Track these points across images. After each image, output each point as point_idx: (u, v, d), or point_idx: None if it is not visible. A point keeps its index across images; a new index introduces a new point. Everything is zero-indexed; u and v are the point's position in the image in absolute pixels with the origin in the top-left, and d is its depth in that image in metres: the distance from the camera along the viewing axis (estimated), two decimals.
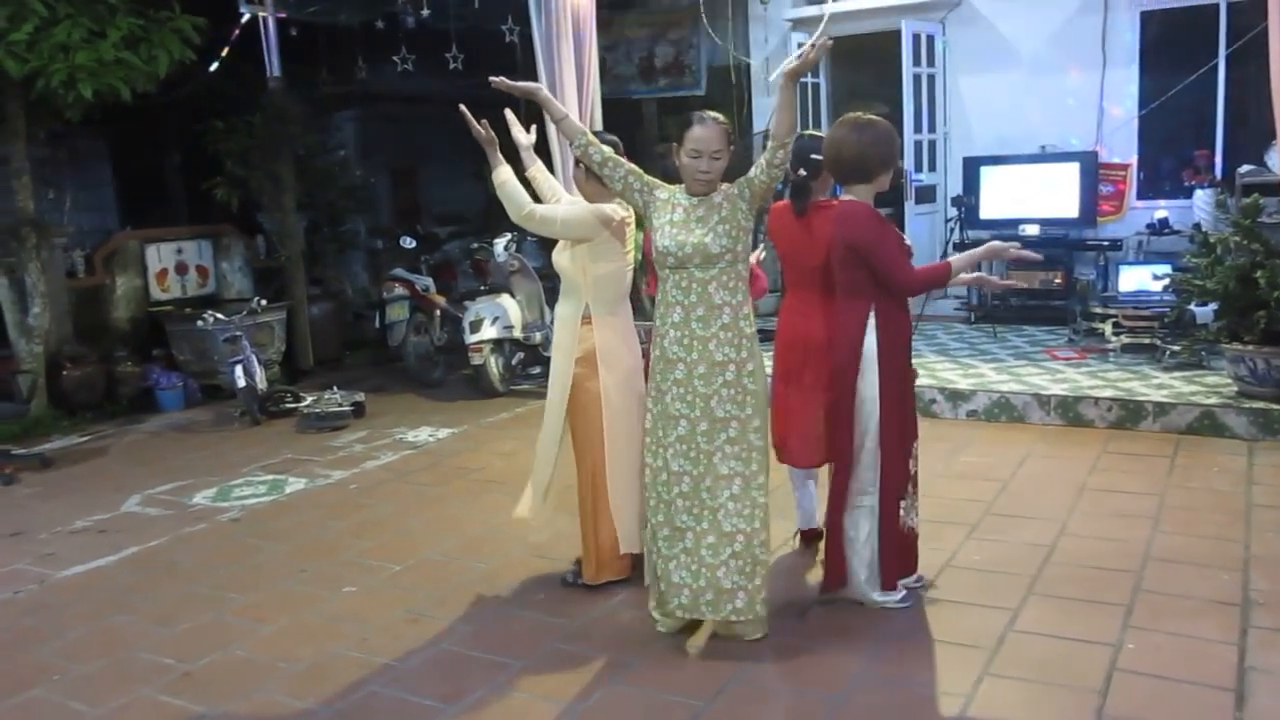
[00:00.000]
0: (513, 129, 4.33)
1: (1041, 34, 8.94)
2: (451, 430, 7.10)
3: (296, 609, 4.25)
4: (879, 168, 3.74)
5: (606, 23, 9.75)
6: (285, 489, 5.94)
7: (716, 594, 3.62)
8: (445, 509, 5.46)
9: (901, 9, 9.18)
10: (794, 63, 3.34)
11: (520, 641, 3.84)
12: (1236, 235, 6.04)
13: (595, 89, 7.67)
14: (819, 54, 3.30)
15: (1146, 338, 7.21)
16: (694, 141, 3.54)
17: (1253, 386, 5.95)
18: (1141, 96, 8.69)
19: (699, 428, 3.58)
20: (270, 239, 9.62)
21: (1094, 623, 3.73)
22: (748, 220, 3.56)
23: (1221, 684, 3.29)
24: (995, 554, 4.40)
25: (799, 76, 3.36)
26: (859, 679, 3.46)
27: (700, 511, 3.61)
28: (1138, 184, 8.83)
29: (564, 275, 4.10)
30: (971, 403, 6.59)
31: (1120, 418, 6.17)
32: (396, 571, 4.61)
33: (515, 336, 8.01)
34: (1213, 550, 4.33)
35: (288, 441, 7.04)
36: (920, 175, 9.20)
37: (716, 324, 3.54)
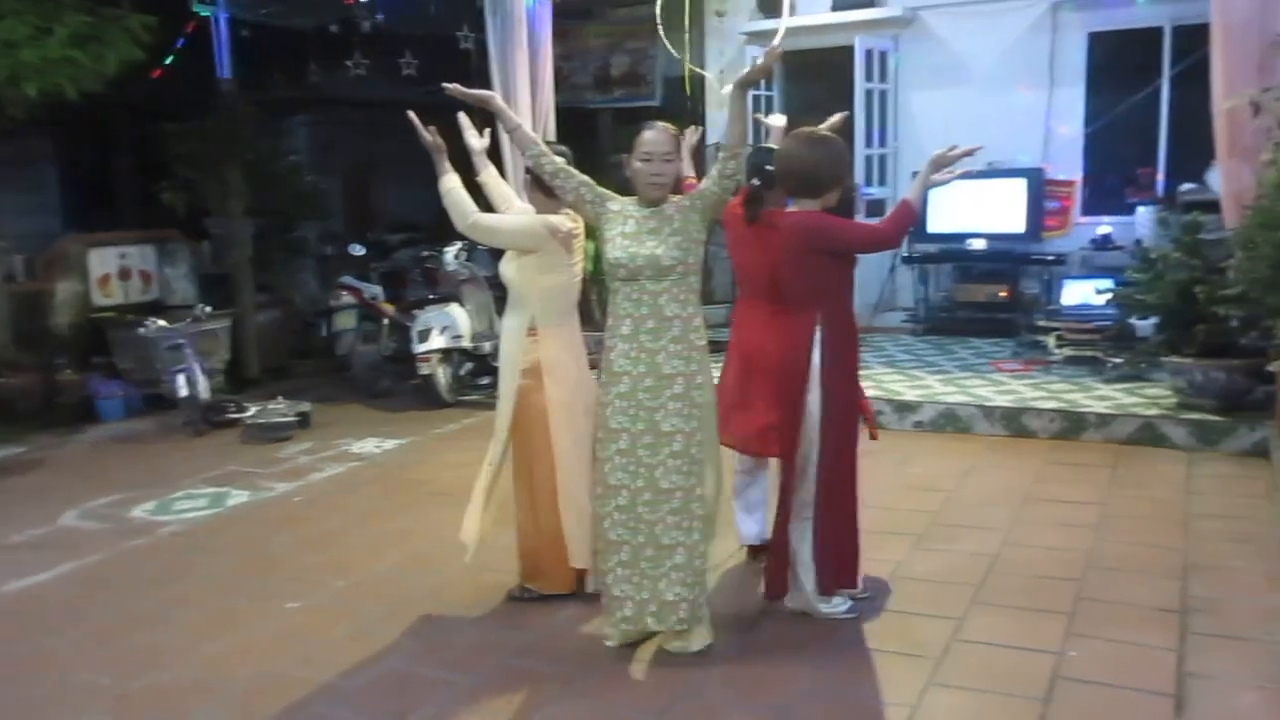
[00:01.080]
0: (465, 133, 4.30)
1: (992, 52, 9.09)
2: (399, 441, 7.03)
3: (238, 626, 4.16)
4: (830, 184, 3.78)
5: (564, 32, 9.77)
6: (228, 502, 5.84)
7: (660, 606, 3.60)
8: (392, 522, 5.39)
9: (855, 25, 9.28)
10: (745, 73, 3.35)
11: (467, 658, 3.80)
12: (1177, 251, 6.16)
13: (550, 97, 7.67)
14: (770, 62, 3.32)
15: (1089, 350, 7.33)
16: (645, 145, 3.54)
17: (1192, 398, 6.07)
18: (1087, 115, 8.87)
19: (641, 441, 3.56)
20: (217, 245, 9.47)
21: (1038, 631, 3.77)
22: (700, 232, 3.56)
23: (1162, 690, 3.33)
24: (941, 564, 4.44)
25: (750, 86, 3.38)
26: (807, 691, 3.46)
27: (636, 525, 3.59)
28: (1082, 200, 9.00)
29: (511, 286, 4.07)
30: (918, 414, 6.65)
31: (1063, 428, 6.26)
32: (341, 587, 4.54)
33: (464, 346, 7.96)
34: (1153, 558, 4.40)
35: (231, 453, 6.93)
36: (871, 189, 9.29)
37: (666, 336, 3.53)
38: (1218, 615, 3.84)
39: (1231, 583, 4.13)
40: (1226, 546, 4.49)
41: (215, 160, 8.84)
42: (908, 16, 9.30)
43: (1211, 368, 5.94)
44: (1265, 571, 4.21)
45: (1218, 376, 5.93)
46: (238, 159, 8.97)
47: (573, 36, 10.82)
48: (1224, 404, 5.97)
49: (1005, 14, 8.97)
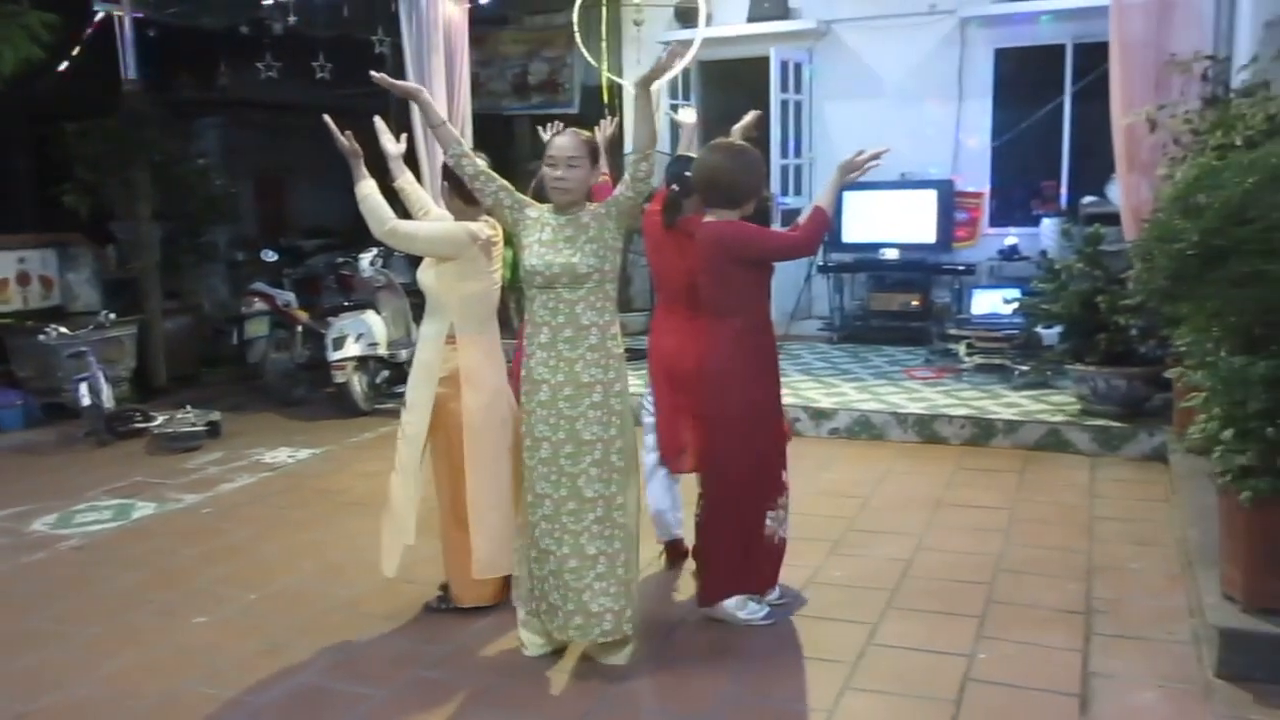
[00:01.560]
0: (381, 137, 4.24)
1: (903, 66, 9.28)
2: (313, 451, 6.90)
3: (143, 642, 4.04)
4: (749, 194, 3.83)
5: (480, 38, 9.71)
6: (133, 514, 5.66)
7: (585, 618, 3.59)
8: (305, 533, 5.29)
9: (771, 36, 9.39)
10: (646, 71, 3.36)
11: (383, 671, 3.74)
12: (1080, 262, 6.36)
13: (467, 103, 7.62)
14: (671, 60, 3.32)
15: (998, 358, 7.52)
16: (551, 149, 3.54)
17: (1094, 405, 6.26)
18: (995, 128, 9.10)
19: (563, 450, 3.55)
20: (123, 249, 9.19)
21: (949, 634, 3.85)
22: (616, 240, 3.55)
23: (1067, 690, 3.42)
24: (856, 569, 4.51)
25: (651, 84, 3.37)
26: (725, 697, 3.48)
27: (561, 535, 3.57)
28: (990, 211, 9.22)
29: (429, 293, 4.02)
30: (834, 421, 6.75)
31: (973, 435, 6.41)
32: (252, 600, 4.43)
33: (381, 354, 7.85)
34: (1059, 561, 4.52)
35: (137, 464, 6.73)
36: (786, 199, 9.39)
37: (584, 345, 3.52)
38: (1119, 616, 3.96)
39: (1132, 584, 4.26)
40: (1127, 549, 4.64)
41: (119, 162, 8.59)
42: (821, 29, 9.44)
43: (1113, 375, 6.13)
44: (1164, 572, 4.35)
45: (1119, 384, 6.13)
46: (143, 161, 8.72)
47: (490, 43, 10.77)
48: (1125, 410, 6.17)
49: (915, 29, 9.16)
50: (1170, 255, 3.44)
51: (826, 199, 3.83)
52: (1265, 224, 3.33)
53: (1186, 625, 3.84)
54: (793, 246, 3.90)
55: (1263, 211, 3.35)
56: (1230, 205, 3.36)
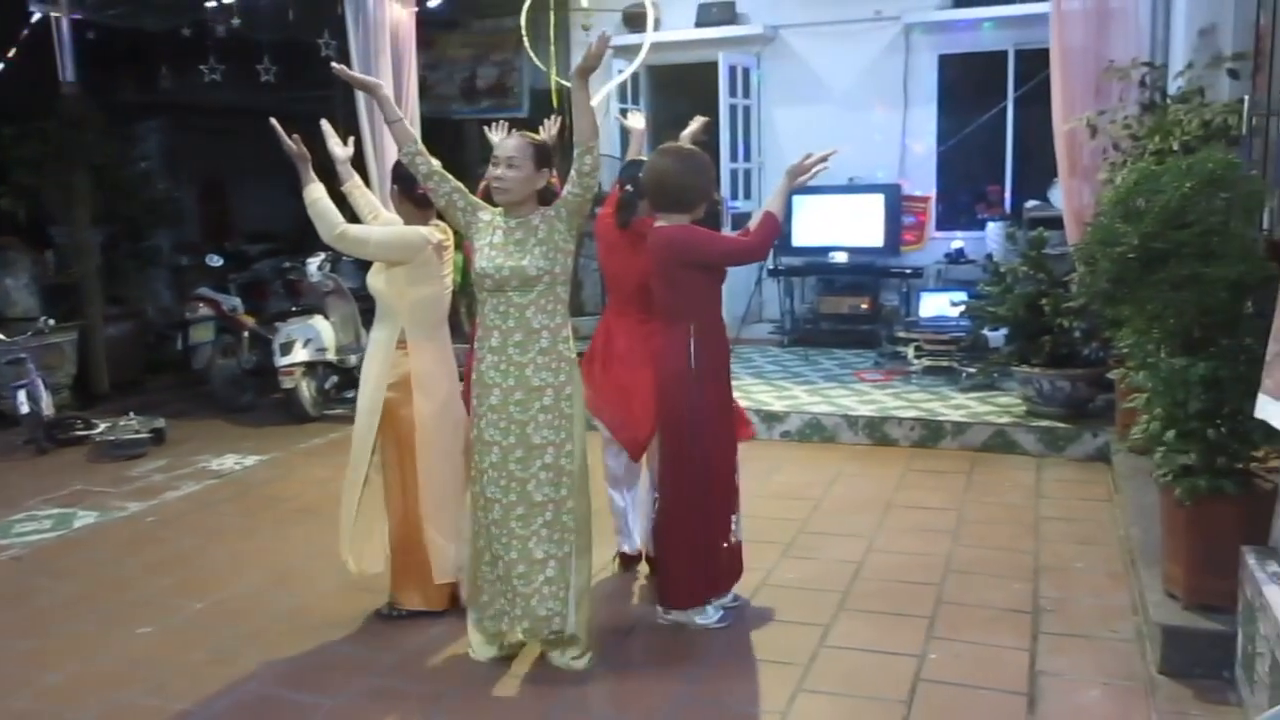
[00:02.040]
0: (329, 141, 4.18)
1: (850, 71, 9.37)
2: (260, 457, 6.80)
3: (85, 654, 3.96)
4: (699, 198, 3.84)
5: (429, 42, 9.64)
6: (74, 523, 5.54)
7: (533, 621, 3.58)
8: (253, 541, 5.21)
9: (719, 41, 9.44)
10: (580, 61, 3.35)
11: (332, 679, 3.69)
12: (1025, 265, 6.46)
13: (415, 107, 7.56)
14: (602, 47, 3.31)
15: (945, 360, 7.61)
16: (494, 150, 3.54)
17: (1040, 406, 6.36)
18: (940, 134, 9.22)
19: (513, 455, 3.53)
20: (62, 254, 8.99)
21: (900, 635, 3.89)
22: (567, 242, 3.54)
23: (1015, 689, 3.47)
24: (808, 571, 4.54)
25: (588, 74, 3.37)
26: (680, 701, 3.48)
27: (509, 540, 3.56)
28: (937, 215, 9.34)
29: (379, 298, 3.98)
30: (785, 424, 6.79)
31: (922, 437, 6.48)
32: (198, 609, 4.36)
33: (329, 359, 7.77)
34: (1006, 561, 4.58)
35: (78, 472, 6.58)
36: (736, 203, 9.45)
37: (534, 349, 3.51)
38: (1065, 615, 4.02)
39: (1077, 583, 4.33)
40: (1072, 548, 4.71)
41: (57, 166, 8.40)
42: (769, 35, 9.51)
43: (1057, 377, 6.24)
44: (1107, 571, 4.43)
45: (1063, 386, 6.23)
46: (82, 164, 8.54)
47: (438, 46, 10.70)
48: (1069, 412, 6.27)
49: (861, 35, 9.25)
50: (1111, 258, 3.50)
51: (776, 204, 3.85)
52: (1203, 228, 3.41)
53: (1130, 623, 3.91)
54: (743, 251, 3.91)
55: (1200, 215, 3.43)
56: (1169, 209, 3.43)
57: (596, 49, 3.29)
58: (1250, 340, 3.48)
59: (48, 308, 8.50)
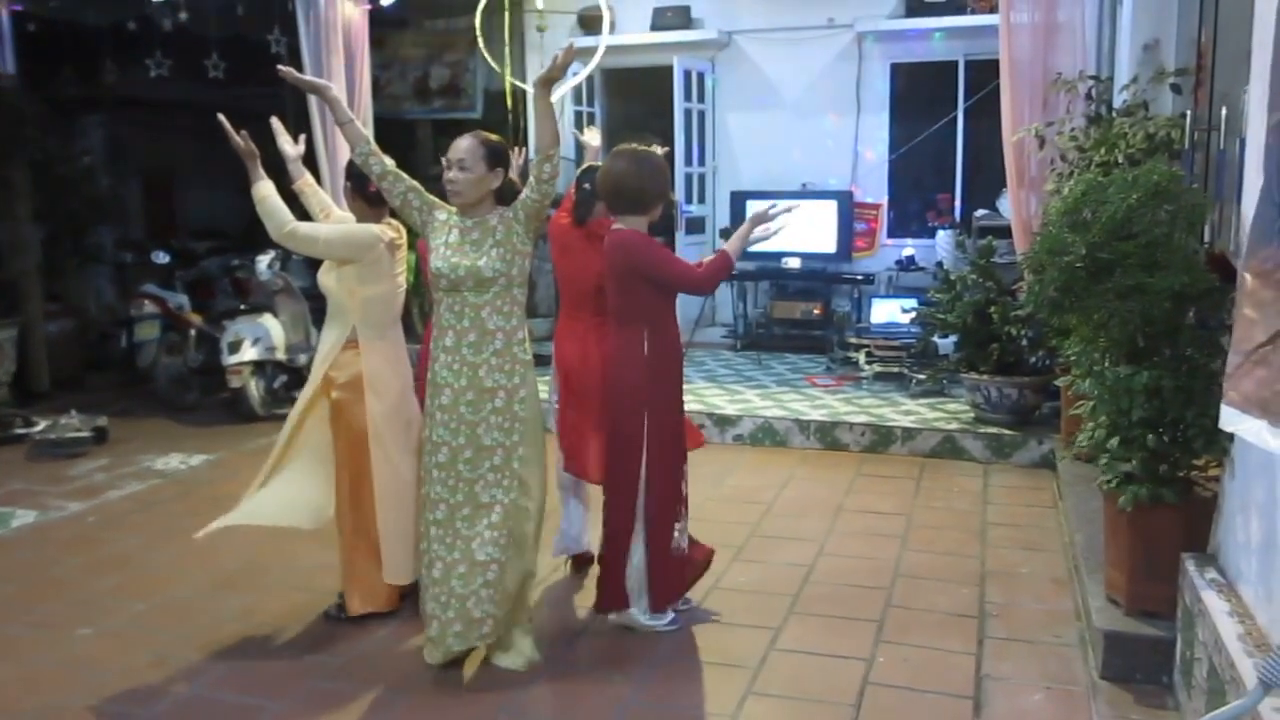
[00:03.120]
0: (279, 139, 4.12)
1: (803, 78, 9.44)
2: (206, 457, 6.69)
3: (21, 656, 3.86)
4: (655, 200, 3.84)
5: (381, 41, 9.57)
6: (11, 523, 5.41)
7: (465, 625, 3.53)
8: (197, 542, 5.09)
9: (674, 46, 9.46)
10: (543, 70, 3.34)
11: (277, 682, 3.64)
12: (973, 274, 6.55)
13: (368, 106, 7.49)
14: (566, 58, 3.30)
15: (896, 366, 7.69)
16: (448, 152, 3.52)
17: (987, 413, 6.45)
18: (892, 141, 9.33)
19: (462, 455, 3.51)
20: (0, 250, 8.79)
21: (849, 639, 3.91)
22: (524, 244, 3.52)
23: (961, 693, 3.51)
24: (759, 575, 4.56)
25: (551, 84, 3.36)
26: (628, 704, 3.47)
27: (453, 541, 3.53)
28: (888, 223, 9.45)
29: (330, 296, 3.93)
30: (738, 427, 6.82)
31: (873, 442, 6.54)
32: (140, 611, 4.28)
33: (278, 358, 7.66)
34: (953, 566, 4.64)
35: (16, 471, 6.43)
36: (690, 207, 9.48)
37: (489, 350, 3.49)
38: (1010, 620, 4.08)
39: (1022, 589, 4.39)
40: (1017, 554, 4.78)
41: None
42: (723, 40, 9.55)
43: (1004, 384, 6.32)
44: (1051, 577, 4.50)
45: (1010, 393, 6.32)
46: (21, 158, 8.35)
47: (390, 45, 10.62)
48: (1016, 419, 6.36)
49: (813, 42, 9.33)
50: (1059, 267, 3.56)
51: (734, 246, 3.91)
52: (1147, 239, 3.47)
53: (1073, 628, 3.97)
54: (692, 282, 3.87)
55: (1144, 227, 3.49)
56: (1115, 220, 3.49)
57: (562, 60, 3.28)
58: (1191, 350, 3.55)
59: None
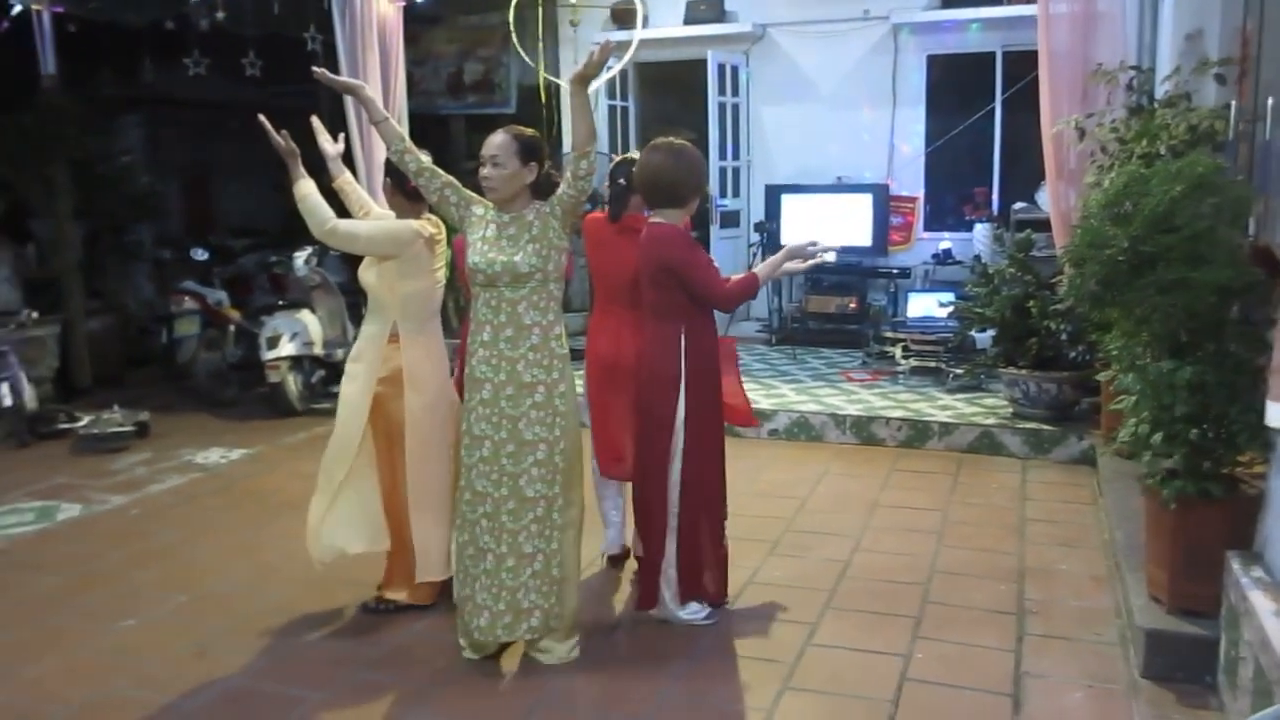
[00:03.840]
0: (319, 137, 4.16)
1: (838, 71, 9.39)
2: (245, 451, 6.77)
3: (67, 647, 3.93)
4: (692, 193, 3.83)
5: (414, 37, 9.62)
6: (57, 516, 5.50)
7: (514, 616, 3.57)
8: (237, 535, 5.18)
9: (708, 39, 9.44)
10: (580, 67, 3.34)
11: (318, 673, 3.68)
12: (1012, 267, 6.49)
13: (403, 102, 7.53)
14: (604, 56, 3.28)
15: (932, 361, 7.63)
16: (482, 149, 3.53)
17: (1026, 408, 6.39)
18: (928, 134, 9.25)
19: (504, 450, 3.52)
20: (43, 247, 8.93)
21: (886, 634, 3.90)
22: (560, 239, 3.53)
23: (1000, 689, 3.49)
24: (795, 570, 4.54)
25: (588, 81, 3.35)
26: (665, 697, 3.48)
27: (500, 534, 3.55)
28: (924, 216, 9.38)
29: (371, 292, 3.96)
30: (773, 422, 6.80)
31: (909, 437, 6.50)
32: (182, 602, 4.33)
33: (315, 353, 7.72)
34: (991, 563, 4.60)
35: (61, 465, 6.53)
36: (725, 201, 9.46)
37: (525, 345, 3.51)
38: (1049, 617, 4.04)
39: (1061, 586, 4.35)
40: (1056, 551, 4.73)
41: (37, 159, 8.33)
42: (757, 33, 9.52)
43: (1043, 379, 6.26)
44: (1091, 574, 4.45)
45: (1048, 388, 6.26)
46: (62, 157, 8.47)
47: (423, 42, 10.68)
48: (1054, 414, 6.30)
49: (849, 34, 9.28)
50: (1100, 261, 3.52)
51: (764, 272, 3.93)
52: (1190, 231, 3.42)
53: (1113, 626, 3.93)
54: (716, 295, 3.81)
55: (1187, 220, 3.44)
56: (1157, 213, 3.45)
57: (598, 57, 3.26)
58: (1235, 345, 3.50)
59: (29, 301, 8.43)
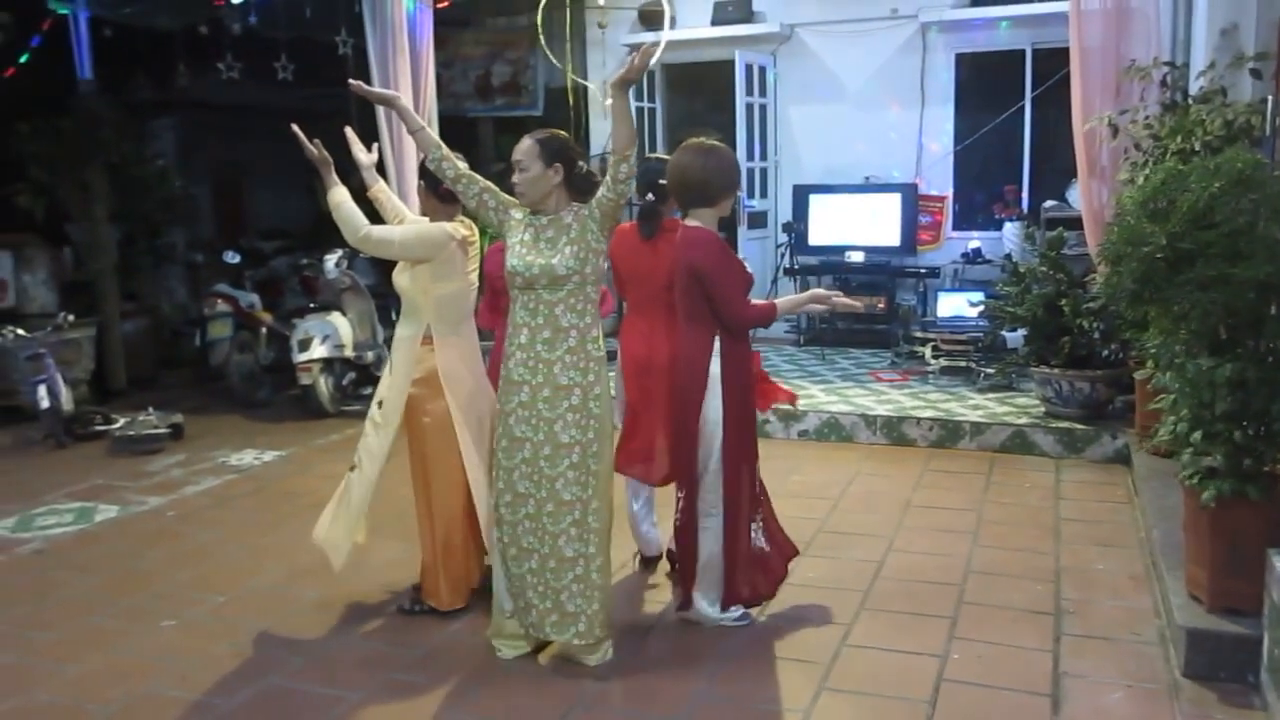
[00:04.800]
0: (353, 148, 4.19)
1: (866, 70, 9.35)
2: (278, 453, 6.82)
3: (107, 646, 3.97)
4: (723, 193, 3.82)
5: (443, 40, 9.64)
6: (94, 517, 5.56)
7: (561, 616, 3.59)
8: (272, 535, 5.22)
9: (735, 40, 9.43)
10: (621, 71, 3.34)
11: (354, 673, 3.70)
12: (1043, 266, 6.44)
13: (433, 105, 7.56)
14: (645, 60, 3.28)
15: (963, 361, 7.59)
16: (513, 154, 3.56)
17: (1058, 407, 6.34)
18: (957, 133, 9.20)
19: (542, 452, 3.54)
20: (79, 251, 9.04)
21: (922, 635, 3.88)
22: (598, 242, 3.53)
23: (1039, 690, 3.46)
24: (829, 571, 4.53)
25: (629, 85, 3.36)
26: (701, 698, 3.48)
27: (543, 536, 3.57)
28: (953, 215, 9.33)
29: (404, 296, 3.98)
30: (803, 423, 6.78)
31: (940, 437, 6.46)
32: (220, 603, 4.38)
33: (346, 356, 7.78)
34: (1027, 562, 4.57)
35: (98, 466, 6.61)
36: (752, 201, 9.45)
37: (562, 347, 3.52)
38: (1087, 617, 4.01)
39: (1098, 585, 4.31)
40: (1093, 550, 4.70)
41: (74, 163, 8.44)
42: (784, 33, 9.50)
43: (1076, 378, 6.21)
44: (1128, 574, 4.41)
45: (1081, 387, 6.21)
46: (98, 162, 8.58)
47: (451, 44, 10.72)
48: (1087, 413, 6.25)
49: (877, 33, 9.24)
50: (1138, 258, 3.49)
51: (783, 305, 3.97)
52: (1230, 228, 3.39)
53: (1152, 626, 3.90)
54: (732, 314, 3.78)
55: (1227, 216, 3.41)
56: (1196, 209, 3.42)
57: (639, 61, 3.26)
58: (1276, 342, 3.46)
59: (65, 304, 8.54)
